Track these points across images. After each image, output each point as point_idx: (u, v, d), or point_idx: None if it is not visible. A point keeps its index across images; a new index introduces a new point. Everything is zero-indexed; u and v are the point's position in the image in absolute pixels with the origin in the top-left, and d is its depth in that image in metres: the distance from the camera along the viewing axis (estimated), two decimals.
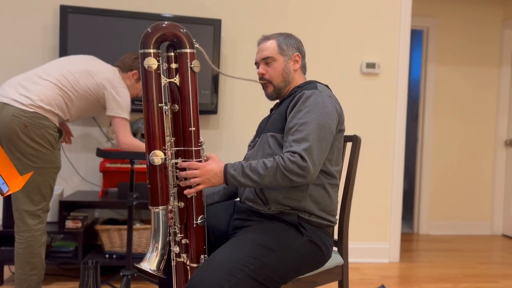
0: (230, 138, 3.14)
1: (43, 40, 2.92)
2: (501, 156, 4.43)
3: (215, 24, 2.94)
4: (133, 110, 2.91)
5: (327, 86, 1.64)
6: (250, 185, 1.41)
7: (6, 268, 2.72)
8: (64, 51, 2.79)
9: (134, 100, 2.84)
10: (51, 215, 2.70)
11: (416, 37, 5.05)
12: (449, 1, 4.35)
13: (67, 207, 2.63)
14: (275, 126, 1.55)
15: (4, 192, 1.56)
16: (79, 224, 2.60)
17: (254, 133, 3.14)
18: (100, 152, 2.16)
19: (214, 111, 2.98)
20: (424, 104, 4.36)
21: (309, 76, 1.73)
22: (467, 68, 4.39)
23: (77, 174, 2.97)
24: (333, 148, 1.53)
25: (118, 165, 2.71)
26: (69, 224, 2.59)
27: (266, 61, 1.63)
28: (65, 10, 2.78)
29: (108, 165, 2.71)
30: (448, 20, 4.35)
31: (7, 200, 2.55)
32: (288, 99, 1.58)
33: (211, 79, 2.96)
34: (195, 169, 1.39)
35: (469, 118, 4.42)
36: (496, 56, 4.43)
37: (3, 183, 1.59)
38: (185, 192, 1.40)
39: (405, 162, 5.08)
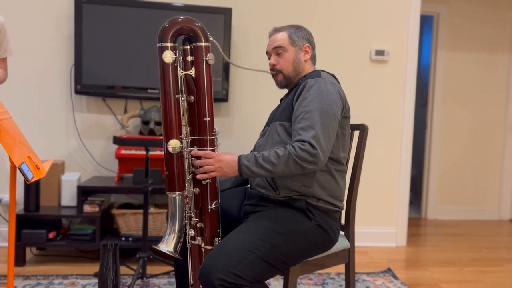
0: (240, 125, 3.20)
1: (58, 30, 2.99)
2: (510, 142, 4.44)
3: (225, 13, 2.98)
4: (145, 99, 3.00)
5: (333, 75, 1.69)
6: (263, 174, 1.47)
7: (27, 250, 2.85)
8: (79, 41, 2.86)
9: (147, 88, 2.92)
10: (70, 200, 2.81)
11: (426, 22, 5.02)
12: None
13: (84, 192, 2.74)
14: (283, 115, 1.61)
15: (30, 178, 1.66)
16: (96, 209, 2.71)
17: (264, 120, 3.19)
18: (117, 140, 2.25)
19: (225, 99, 3.05)
20: (433, 90, 4.37)
21: (319, 65, 1.77)
22: (477, 53, 4.38)
23: (93, 160, 3.07)
24: (339, 135, 1.58)
25: (133, 152, 2.80)
26: (87, 208, 2.71)
27: (277, 51, 1.67)
28: (79, 0, 2.84)
29: (123, 151, 2.80)
30: (459, 5, 4.33)
31: (28, 185, 2.66)
32: (295, 89, 1.63)
33: (222, 67, 3.01)
34: (210, 158, 1.47)
35: (478, 104, 4.42)
36: (507, 41, 4.41)
37: (28, 170, 1.68)
38: (198, 176, 1.47)
39: (414, 148, 5.10)
